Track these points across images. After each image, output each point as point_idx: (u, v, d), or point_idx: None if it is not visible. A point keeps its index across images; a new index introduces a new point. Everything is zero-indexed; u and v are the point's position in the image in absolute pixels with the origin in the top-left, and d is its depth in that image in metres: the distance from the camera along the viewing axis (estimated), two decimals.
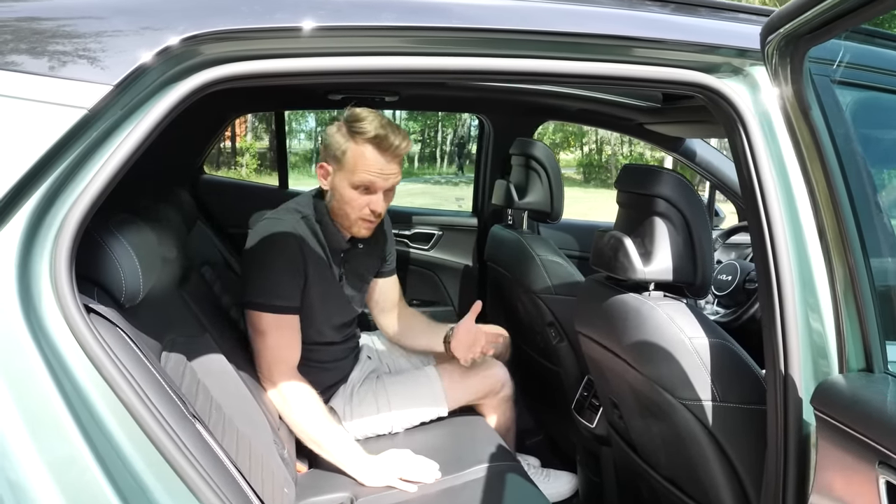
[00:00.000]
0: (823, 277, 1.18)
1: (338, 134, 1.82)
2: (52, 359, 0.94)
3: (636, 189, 1.55)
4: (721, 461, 1.41)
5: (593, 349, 1.71)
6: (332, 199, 1.88)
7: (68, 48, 0.97)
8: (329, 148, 1.84)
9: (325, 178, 1.88)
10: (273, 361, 1.78)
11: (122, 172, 0.99)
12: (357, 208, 1.85)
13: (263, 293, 1.77)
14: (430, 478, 1.74)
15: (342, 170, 1.82)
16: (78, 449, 0.92)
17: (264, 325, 1.78)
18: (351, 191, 1.82)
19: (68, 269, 0.96)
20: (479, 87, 2.43)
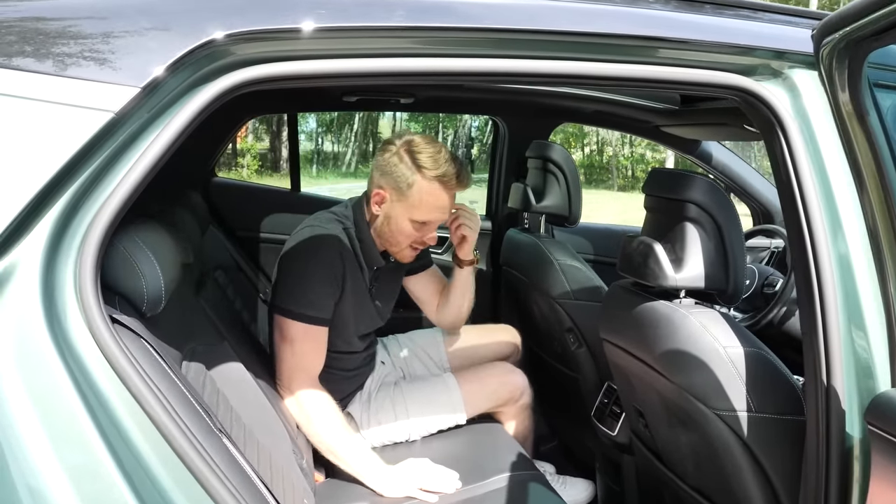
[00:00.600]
0: (867, 286, 1.15)
1: (401, 164, 1.76)
2: (77, 372, 0.90)
3: (666, 194, 1.51)
4: (755, 472, 1.38)
5: (619, 357, 1.68)
6: (382, 225, 1.84)
7: (94, 49, 0.93)
8: (389, 176, 1.77)
9: (379, 205, 1.82)
10: (295, 370, 1.75)
11: (148, 178, 0.96)
12: (410, 238, 1.83)
13: (298, 301, 1.74)
14: (450, 487, 1.70)
15: (404, 202, 1.78)
16: (104, 465, 0.89)
17: (293, 333, 1.74)
18: (409, 223, 1.79)
19: (93, 279, 0.93)
20: (494, 88, 2.40)
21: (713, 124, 2.44)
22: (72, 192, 0.91)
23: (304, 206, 2.79)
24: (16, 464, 0.86)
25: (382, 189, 1.80)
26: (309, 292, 1.74)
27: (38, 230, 0.90)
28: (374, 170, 1.82)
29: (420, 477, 1.71)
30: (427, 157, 1.74)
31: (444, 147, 1.79)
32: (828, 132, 1.22)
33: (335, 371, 1.91)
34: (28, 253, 0.89)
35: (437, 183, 1.75)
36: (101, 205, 0.93)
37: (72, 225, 0.93)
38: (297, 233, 1.85)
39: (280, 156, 23.30)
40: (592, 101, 2.51)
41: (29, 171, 0.89)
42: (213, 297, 1.80)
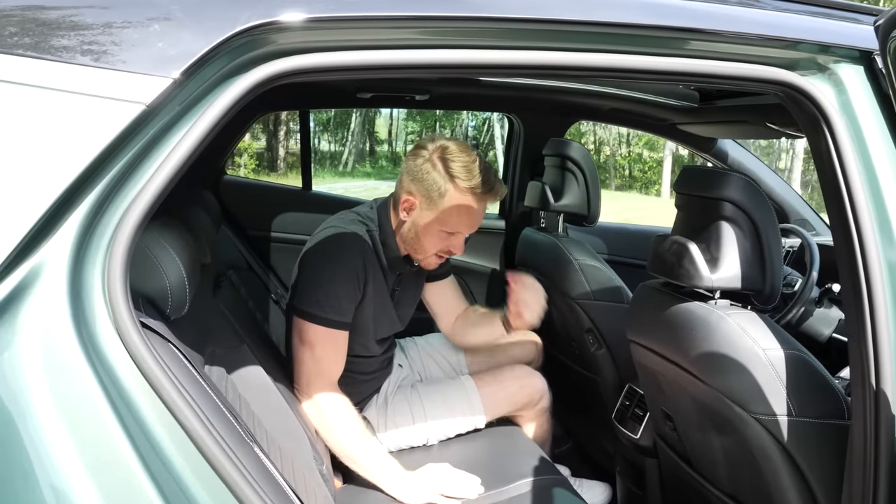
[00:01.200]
0: None
1: (434, 172, 1.71)
2: (106, 379, 0.85)
3: (700, 192, 1.47)
4: (794, 478, 1.34)
5: (649, 359, 1.64)
6: (409, 231, 1.79)
7: (123, 37, 0.88)
8: (420, 183, 1.73)
9: (408, 212, 1.77)
10: (314, 374, 1.70)
11: (180, 173, 0.91)
12: (437, 248, 1.79)
13: (320, 305, 1.69)
14: (472, 493, 1.66)
15: (434, 210, 1.73)
16: (137, 477, 0.84)
17: (313, 336, 1.69)
18: (437, 232, 1.75)
19: (123, 281, 0.88)
20: (510, 85, 2.36)
21: (732, 122, 2.40)
22: (100, 189, 0.87)
23: (317, 205, 2.75)
24: (44, 475, 0.81)
25: (412, 195, 1.75)
26: (331, 296, 1.69)
27: (66, 229, 0.85)
28: (405, 174, 1.77)
29: (441, 482, 1.66)
30: (461, 167, 1.69)
31: (478, 156, 1.74)
32: (874, 128, 1.18)
33: (352, 374, 1.86)
34: (55, 253, 0.85)
35: (470, 194, 1.71)
36: (131, 202, 0.89)
37: (100, 223, 0.88)
38: (320, 233, 1.80)
39: (277, 155, 23.26)
40: (609, 98, 2.47)
41: (56, 167, 0.84)
42: (229, 298, 1.76)
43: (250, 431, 1.10)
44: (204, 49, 0.88)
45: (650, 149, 28.36)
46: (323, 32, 0.95)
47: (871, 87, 1.20)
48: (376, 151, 33.05)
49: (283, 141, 23.81)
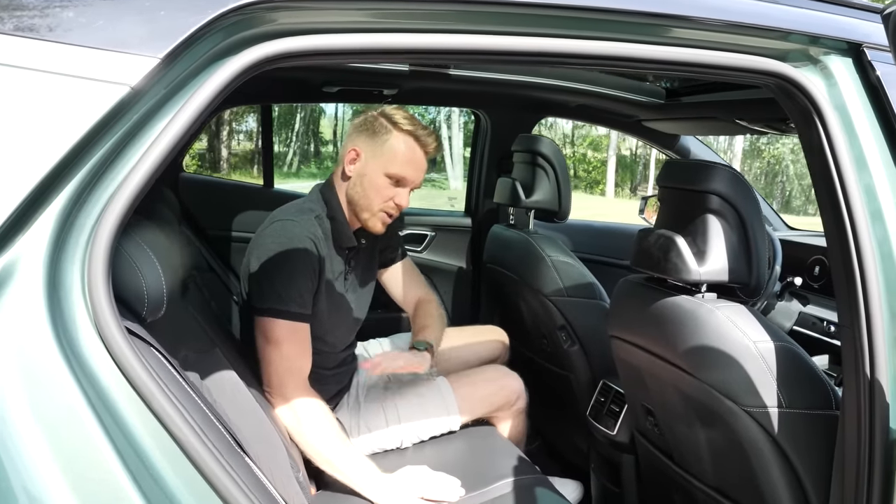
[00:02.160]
0: None
1: (376, 122, 1.79)
2: (90, 391, 0.78)
3: (685, 185, 1.46)
4: (784, 470, 1.34)
5: (632, 354, 1.62)
6: (355, 186, 1.81)
7: (105, 13, 0.81)
8: (364, 133, 1.79)
9: (352, 164, 1.81)
10: (285, 373, 1.63)
11: (165, 163, 0.84)
12: (383, 199, 1.79)
13: (281, 299, 1.63)
14: (453, 496, 1.61)
15: (379, 157, 1.77)
16: (127, 495, 0.77)
17: (279, 333, 1.63)
18: (384, 179, 1.77)
19: (105, 281, 0.81)
20: (478, 80, 2.32)
21: (694, 118, 2.42)
22: (80, 179, 0.79)
23: (279, 203, 2.65)
24: (24, 493, 0.73)
25: (357, 148, 1.80)
26: (290, 288, 1.65)
27: (42, 223, 0.78)
28: (349, 135, 1.84)
29: (420, 485, 1.61)
30: (402, 117, 1.78)
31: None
32: (864, 120, 1.19)
33: (315, 369, 1.79)
34: (30, 249, 0.77)
35: (412, 138, 1.78)
36: (113, 193, 0.81)
37: (80, 217, 0.80)
38: (266, 229, 1.74)
39: (220, 156, 22.74)
40: (577, 93, 2.46)
41: (31, 154, 0.76)
42: (197, 300, 1.67)
43: (238, 440, 1.03)
44: (193, 27, 0.82)
45: (594, 149, 28.82)
46: (321, 13, 0.90)
47: (859, 79, 1.21)
48: (321, 152, 32.66)
49: (225, 141, 23.30)
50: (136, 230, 1.08)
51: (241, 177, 17.39)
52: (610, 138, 27.30)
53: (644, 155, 29.19)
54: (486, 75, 2.30)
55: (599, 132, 29.60)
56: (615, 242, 3.03)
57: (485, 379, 2.04)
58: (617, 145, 27.61)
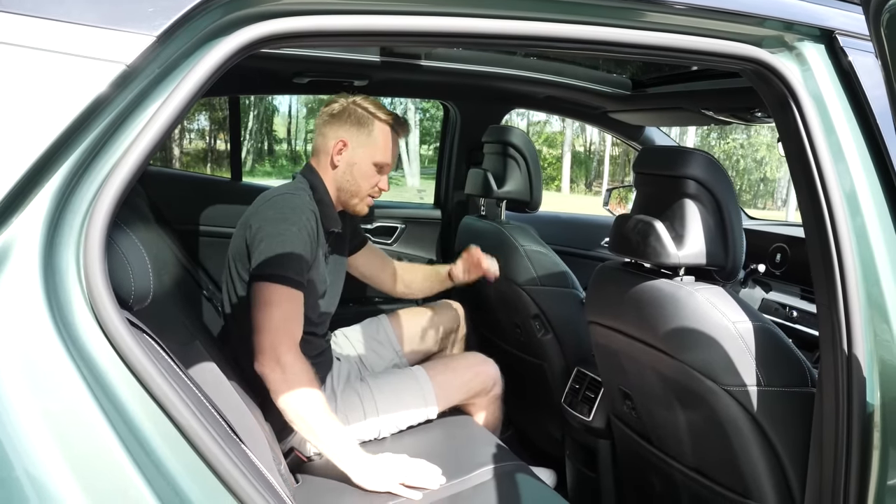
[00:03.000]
0: (885, 261, 1.17)
1: (356, 113, 1.87)
2: (91, 379, 0.76)
3: (662, 170, 1.49)
4: (763, 446, 1.37)
5: (610, 338, 1.64)
6: (345, 175, 1.89)
7: None
8: (347, 123, 1.86)
9: (339, 154, 1.87)
10: (279, 335, 1.61)
11: (160, 144, 0.82)
12: (371, 184, 1.91)
13: (279, 265, 1.65)
14: (434, 483, 1.61)
15: (367, 146, 1.87)
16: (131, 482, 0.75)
17: (276, 297, 1.63)
18: (371, 166, 1.88)
19: (102, 266, 0.79)
20: (448, 71, 2.32)
21: (664, 109, 2.47)
22: (75, 160, 0.77)
23: (248, 197, 2.61)
24: (28, 480, 0.71)
25: (343, 138, 1.86)
26: (293, 257, 1.67)
27: (36, 204, 0.75)
28: (326, 126, 1.89)
29: (401, 472, 1.61)
30: (377, 108, 1.88)
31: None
32: (838, 106, 1.23)
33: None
34: (25, 232, 0.75)
35: (388, 126, 1.89)
36: (108, 174, 0.79)
37: (74, 198, 0.78)
38: (266, 202, 1.77)
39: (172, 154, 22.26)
40: (545, 84, 2.48)
41: (25, 134, 0.74)
42: (173, 292, 1.63)
43: (234, 428, 1.01)
44: (190, 4, 0.80)
45: (549, 146, 29.10)
46: None
47: (832, 65, 1.25)
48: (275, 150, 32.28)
49: (177, 140, 22.83)
50: (122, 219, 1.05)
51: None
52: (565, 135, 27.61)
53: (598, 151, 29.61)
54: (456, 66, 2.31)
55: (554, 129, 29.91)
56: (582, 233, 3.06)
57: (462, 366, 2.05)
58: (572, 142, 27.94)
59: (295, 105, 31.99)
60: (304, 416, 1.58)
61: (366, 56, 2.14)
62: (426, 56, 2.20)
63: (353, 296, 2.14)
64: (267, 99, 28.03)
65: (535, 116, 29.78)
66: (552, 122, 30.31)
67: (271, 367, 1.60)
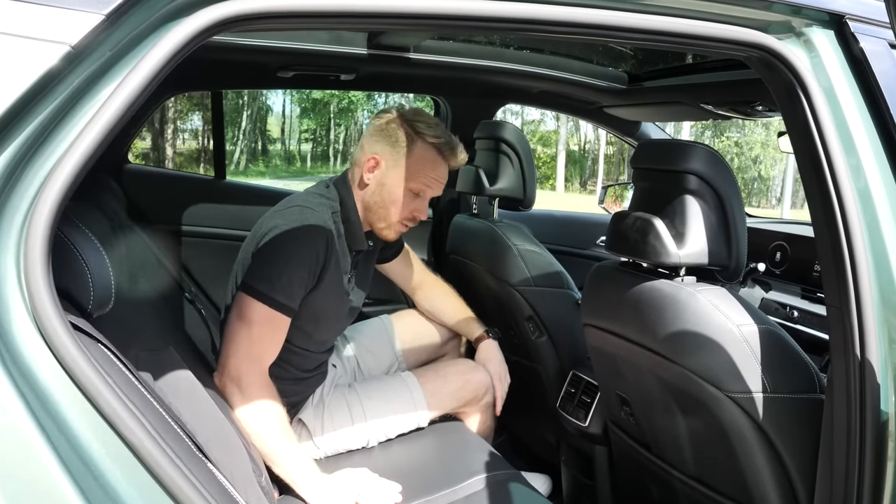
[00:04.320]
0: None
1: (399, 130, 1.69)
2: (29, 394, 0.68)
3: (662, 165, 1.42)
4: (768, 455, 1.30)
5: (607, 342, 1.57)
6: (374, 196, 1.73)
7: None
8: (385, 142, 1.70)
9: (371, 172, 1.71)
10: (246, 355, 1.54)
11: (110, 136, 0.74)
12: (402, 211, 1.73)
13: (270, 284, 1.56)
14: (389, 502, 1.54)
15: (400, 167, 1.69)
16: None
17: (256, 314, 1.55)
18: (403, 192, 1.71)
19: (45, 269, 0.71)
20: (438, 65, 2.24)
21: (661, 104, 2.39)
22: (12, 152, 0.69)
23: (231, 196, 2.55)
24: None
25: (377, 155, 1.70)
26: (283, 276, 1.56)
27: None
28: (367, 137, 1.73)
29: (357, 489, 1.54)
30: (427, 126, 1.69)
31: (441, 123, 1.74)
32: (847, 93, 1.16)
33: (291, 369, 1.72)
34: None
35: (436, 151, 1.70)
36: (52, 169, 0.71)
37: (13, 195, 0.70)
38: (284, 210, 1.66)
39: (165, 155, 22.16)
40: (539, 79, 2.40)
41: None
42: (147, 296, 1.56)
43: (198, 444, 0.94)
44: None
45: (544, 144, 29.08)
46: None
47: (842, 52, 1.18)
48: (269, 150, 32.23)
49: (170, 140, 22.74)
50: (79, 217, 0.98)
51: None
52: (559, 133, 27.59)
53: (593, 150, 29.60)
54: (447, 59, 2.23)
55: (548, 127, 29.89)
56: (577, 232, 2.99)
57: (452, 373, 1.97)
58: (566, 140, 27.91)
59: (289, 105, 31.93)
60: (259, 434, 1.52)
61: (353, 49, 2.06)
62: (415, 49, 2.12)
63: None
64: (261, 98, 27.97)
65: (530, 115, 29.80)
66: (546, 121, 30.31)
67: (230, 387, 1.54)
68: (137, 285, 1.52)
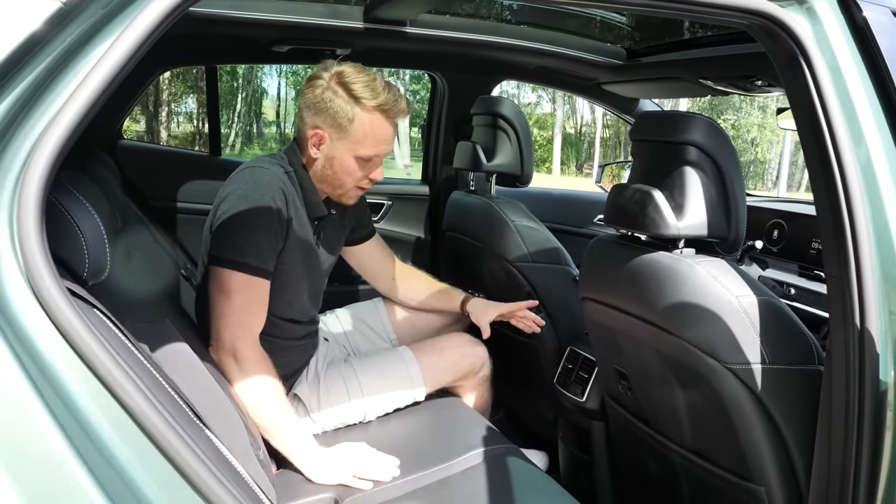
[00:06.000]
0: None
1: (337, 98, 1.60)
2: (25, 358, 0.67)
3: (662, 136, 1.40)
4: (766, 427, 1.30)
5: (606, 315, 1.57)
6: (324, 169, 1.68)
7: None
8: (325, 113, 1.61)
9: (317, 147, 1.65)
10: (236, 327, 1.53)
11: (104, 96, 0.73)
12: (357, 178, 1.69)
13: (239, 250, 1.53)
14: (387, 475, 1.54)
15: (346, 139, 1.63)
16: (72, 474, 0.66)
17: (233, 284, 1.53)
18: (353, 161, 1.65)
19: (39, 232, 0.70)
20: (435, 39, 2.22)
21: (659, 80, 2.38)
22: (4, 111, 0.68)
23: (226, 173, 2.51)
24: None
25: (319, 128, 1.63)
26: (250, 241, 1.54)
27: None
28: (305, 109, 1.65)
29: (355, 463, 1.55)
30: (363, 87, 1.59)
31: (377, 75, 1.64)
32: (850, 62, 1.15)
33: (278, 339, 1.71)
34: None
35: (379, 113, 1.61)
36: (45, 129, 0.70)
37: (5, 156, 0.69)
38: (236, 175, 1.64)
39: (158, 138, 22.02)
40: (536, 54, 2.38)
41: None
42: (143, 270, 1.55)
43: (198, 414, 0.93)
44: None
45: (540, 127, 28.95)
46: None
47: (844, 21, 1.17)
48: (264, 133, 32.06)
49: (164, 122, 22.59)
50: (73, 185, 0.96)
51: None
52: (556, 116, 27.48)
53: (589, 133, 29.51)
54: (444, 34, 2.20)
55: (545, 110, 29.75)
56: (574, 210, 2.98)
57: (449, 347, 1.97)
58: (562, 123, 27.81)
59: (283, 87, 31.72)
60: (257, 407, 1.52)
61: (348, 23, 2.04)
62: (411, 23, 2.10)
63: (338, 274, 2.05)
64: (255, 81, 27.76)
65: (526, 98, 29.64)
66: (543, 104, 30.16)
67: (227, 361, 1.53)
68: (132, 260, 1.51)
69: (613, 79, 2.50)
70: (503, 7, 2.26)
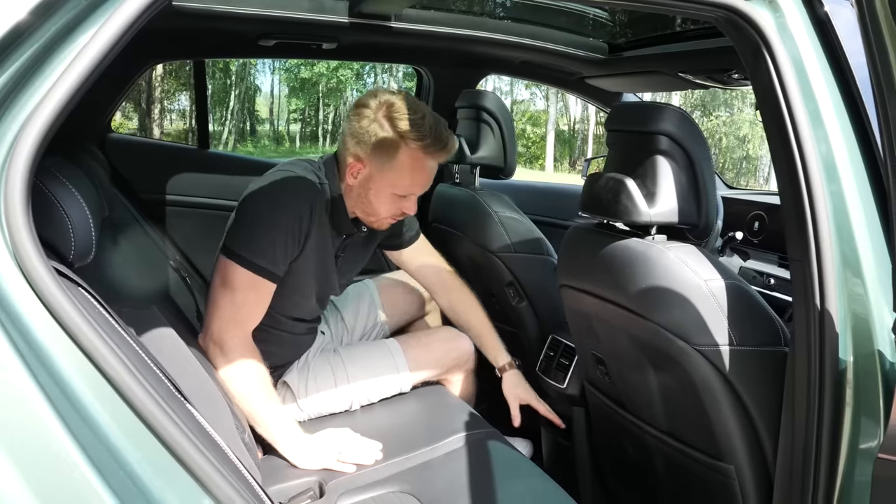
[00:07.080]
0: (860, 217, 1.14)
1: (381, 132, 1.59)
2: (15, 335, 0.70)
3: (634, 126, 1.45)
4: (734, 407, 1.35)
5: (582, 301, 1.61)
6: (360, 197, 1.68)
7: None
8: (367, 146, 1.60)
9: (354, 176, 1.65)
10: (230, 320, 1.56)
11: (90, 80, 0.76)
12: (390, 211, 1.69)
13: (251, 248, 1.56)
14: (370, 459, 1.58)
15: (386, 171, 1.62)
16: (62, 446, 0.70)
17: (238, 280, 1.56)
18: (390, 196, 1.65)
19: (25, 212, 0.73)
20: (421, 34, 2.26)
21: (641, 73, 2.42)
22: None
23: (215, 166, 2.56)
24: None
25: (360, 161, 1.63)
26: (265, 241, 1.56)
27: None
28: (349, 137, 1.64)
29: (339, 447, 1.59)
30: (409, 124, 1.57)
31: (427, 110, 1.63)
32: (812, 54, 1.19)
33: (280, 333, 1.75)
34: None
35: (422, 152, 1.60)
36: (30, 114, 0.73)
37: None
38: (269, 174, 1.66)
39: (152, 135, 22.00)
40: (521, 48, 2.42)
41: None
42: (131, 258, 1.58)
43: (182, 393, 0.97)
44: None
45: (533, 124, 29.01)
46: None
47: (806, 12, 1.21)
48: (258, 130, 32.01)
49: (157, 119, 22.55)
50: (60, 171, 1.00)
51: None
52: (549, 113, 27.52)
53: (582, 130, 29.55)
54: (429, 29, 2.24)
55: (538, 107, 29.79)
56: (559, 202, 3.03)
57: (436, 341, 2.01)
58: (556, 120, 27.86)
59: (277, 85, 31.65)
60: (242, 395, 1.55)
61: (334, 17, 2.07)
62: (396, 18, 2.13)
63: None
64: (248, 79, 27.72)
65: (520, 95, 29.69)
66: (536, 102, 30.21)
67: (213, 350, 1.56)
68: (120, 248, 1.55)
69: (596, 73, 2.54)
70: (487, 2, 2.30)
